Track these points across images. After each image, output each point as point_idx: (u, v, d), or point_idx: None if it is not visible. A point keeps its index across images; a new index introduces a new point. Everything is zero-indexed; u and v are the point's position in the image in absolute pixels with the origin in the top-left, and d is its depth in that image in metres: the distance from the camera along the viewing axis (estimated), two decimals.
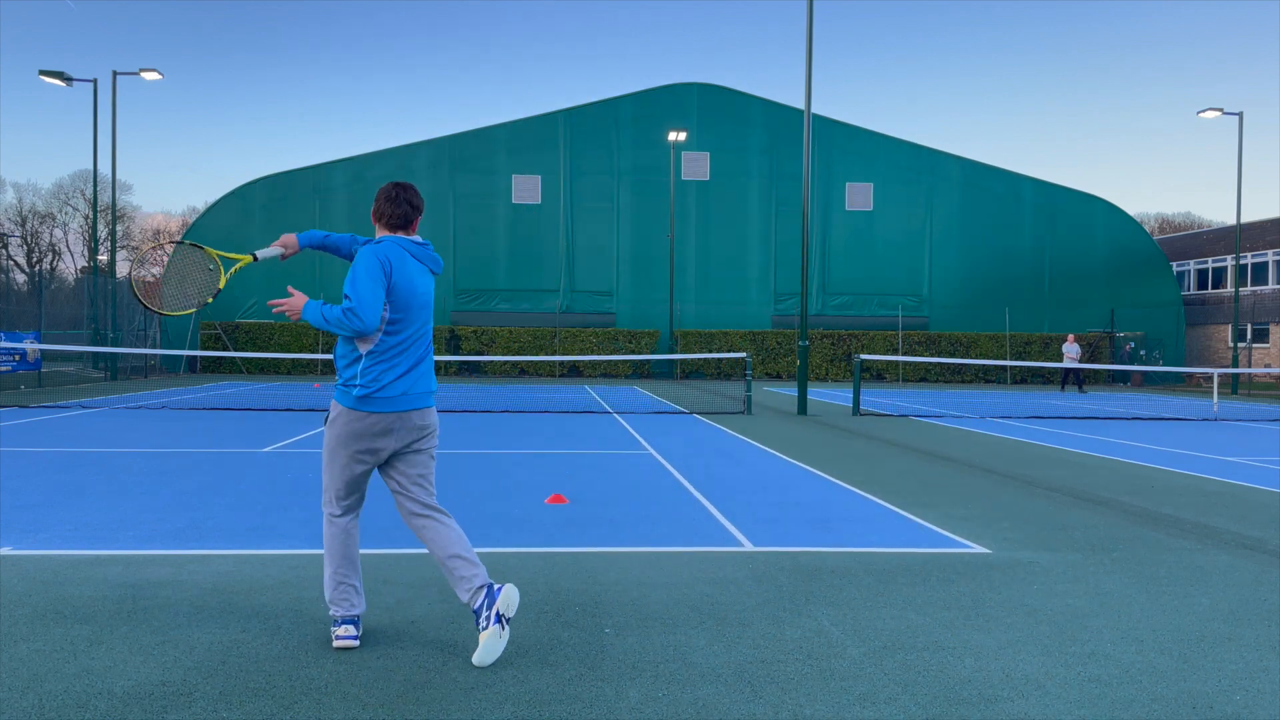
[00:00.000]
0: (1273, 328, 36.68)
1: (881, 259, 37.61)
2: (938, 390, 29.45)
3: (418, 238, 4.16)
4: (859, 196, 37.60)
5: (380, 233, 4.16)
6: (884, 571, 5.57)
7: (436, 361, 34.10)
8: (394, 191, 4.11)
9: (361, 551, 5.82)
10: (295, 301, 4.01)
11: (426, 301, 4.11)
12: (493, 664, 3.86)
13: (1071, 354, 28.41)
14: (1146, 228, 55.75)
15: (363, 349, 4.00)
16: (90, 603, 4.64)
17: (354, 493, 4.13)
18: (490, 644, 3.84)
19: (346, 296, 3.89)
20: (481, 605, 3.89)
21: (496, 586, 3.94)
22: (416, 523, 4.10)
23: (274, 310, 4.09)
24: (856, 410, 17.91)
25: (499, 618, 3.86)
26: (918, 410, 19.70)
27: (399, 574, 5.30)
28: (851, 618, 4.62)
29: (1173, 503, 8.28)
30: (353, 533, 4.17)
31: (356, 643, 4.04)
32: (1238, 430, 16.21)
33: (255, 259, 4.37)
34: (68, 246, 66.14)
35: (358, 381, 3.97)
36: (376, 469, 4.12)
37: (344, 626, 4.06)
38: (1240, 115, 30.25)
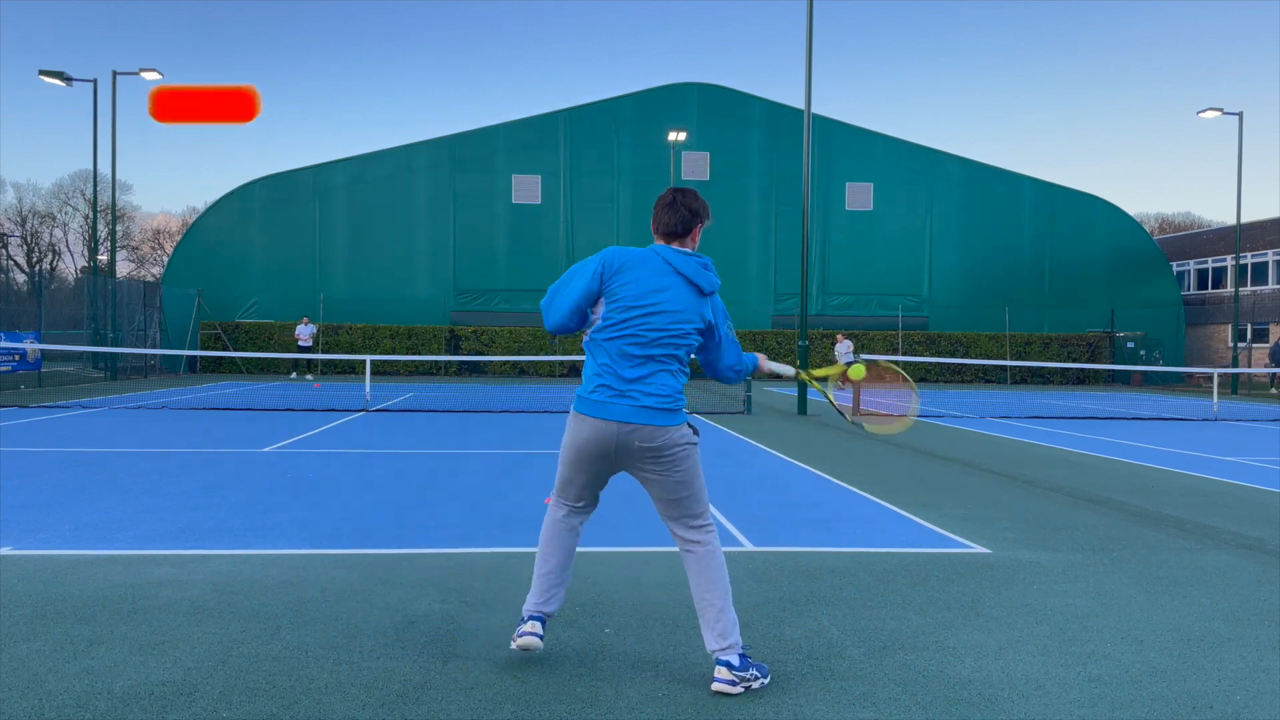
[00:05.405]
0: (1273, 328, 36.67)
1: (881, 259, 37.58)
2: (938, 390, 29.44)
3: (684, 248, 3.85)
4: (859, 196, 37.58)
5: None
6: (884, 571, 5.56)
7: (437, 361, 34.18)
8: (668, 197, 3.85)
9: (360, 552, 5.86)
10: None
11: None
12: (492, 664, 3.87)
13: (844, 350, 27.60)
14: (1146, 228, 55.71)
15: None
16: (90, 603, 4.64)
17: None
18: None
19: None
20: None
21: None
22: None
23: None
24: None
25: None
26: (918, 410, 19.66)
27: (399, 574, 5.30)
28: (851, 618, 4.62)
29: (1173, 503, 8.27)
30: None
31: None
32: (1238, 430, 16.21)
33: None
34: (68, 246, 66.17)
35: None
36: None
37: None
38: (1240, 115, 30.24)
